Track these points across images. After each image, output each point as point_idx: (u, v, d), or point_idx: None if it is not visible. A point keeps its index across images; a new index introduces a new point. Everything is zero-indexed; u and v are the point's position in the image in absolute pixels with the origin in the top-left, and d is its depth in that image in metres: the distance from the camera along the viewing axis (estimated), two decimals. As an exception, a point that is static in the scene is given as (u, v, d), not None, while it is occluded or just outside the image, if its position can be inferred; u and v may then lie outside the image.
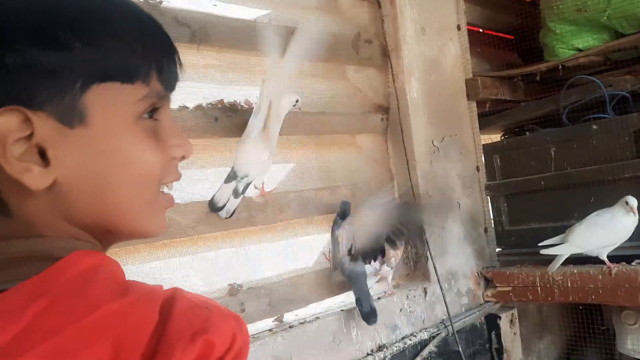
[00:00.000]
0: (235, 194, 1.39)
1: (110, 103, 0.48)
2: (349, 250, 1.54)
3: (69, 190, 0.47)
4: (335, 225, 1.62)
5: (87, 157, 0.48)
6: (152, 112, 0.52)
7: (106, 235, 0.52)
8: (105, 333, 0.41)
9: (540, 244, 1.80)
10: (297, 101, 1.46)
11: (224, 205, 1.39)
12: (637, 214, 1.67)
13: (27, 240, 0.46)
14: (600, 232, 1.72)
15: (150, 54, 0.51)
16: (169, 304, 0.44)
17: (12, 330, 0.39)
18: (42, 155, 0.46)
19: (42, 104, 0.45)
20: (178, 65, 0.54)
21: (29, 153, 0.45)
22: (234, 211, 1.41)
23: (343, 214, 1.63)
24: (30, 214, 0.47)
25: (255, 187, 1.49)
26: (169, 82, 0.53)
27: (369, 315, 1.52)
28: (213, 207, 1.38)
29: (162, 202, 0.57)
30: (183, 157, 0.57)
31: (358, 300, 1.52)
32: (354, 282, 1.55)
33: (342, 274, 1.58)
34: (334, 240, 1.60)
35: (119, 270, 0.49)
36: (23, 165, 0.45)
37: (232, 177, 1.39)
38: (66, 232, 0.49)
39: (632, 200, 1.67)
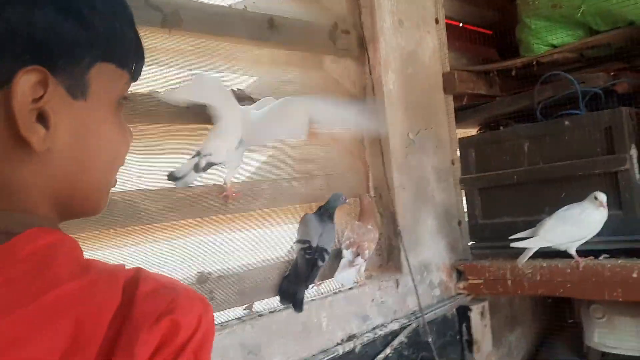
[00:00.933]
0: (196, 168, 1.39)
1: (107, 82, 0.51)
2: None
3: (53, 161, 0.48)
4: (313, 214, 1.65)
5: (80, 130, 0.49)
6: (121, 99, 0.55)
7: (65, 211, 0.52)
8: (64, 313, 0.39)
9: (511, 237, 1.83)
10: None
11: (183, 176, 1.40)
12: (606, 208, 1.70)
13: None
14: (569, 227, 1.75)
15: (137, 43, 0.56)
16: (132, 284, 0.44)
17: None
18: (42, 120, 0.46)
19: (58, 70, 0.46)
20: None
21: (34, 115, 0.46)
22: (190, 183, 1.43)
23: (327, 206, 1.65)
24: (3, 180, 0.46)
25: (224, 183, 1.48)
26: (138, 74, 0.57)
27: (300, 304, 1.55)
28: (171, 176, 1.39)
29: (113, 185, 0.57)
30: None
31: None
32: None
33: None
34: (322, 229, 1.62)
35: (78, 249, 0.48)
36: (34, 125, 0.46)
37: (197, 153, 1.41)
38: (28, 204, 0.47)
39: (601, 196, 1.70)
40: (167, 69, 1.40)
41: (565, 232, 1.75)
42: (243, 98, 1.54)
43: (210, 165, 1.42)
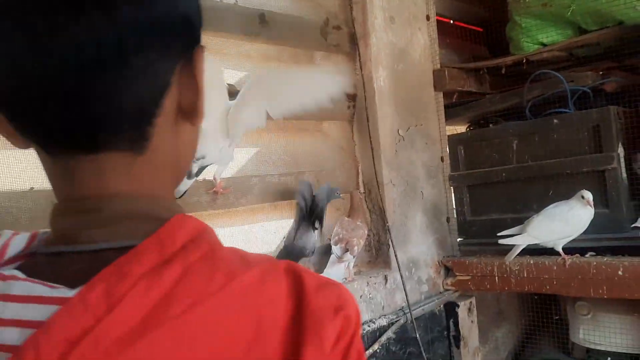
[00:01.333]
0: (189, 175, 1.35)
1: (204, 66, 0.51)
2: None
3: (188, 137, 0.50)
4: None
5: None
6: None
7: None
8: (245, 303, 0.41)
9: (498, 234, 1.84)
10: None
11: None
12: (593, 207, 1.71)
13: (134, 199, 0.45)
14: (556, 224, 1.76)
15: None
16: (295, 279, 0.45)
17: (155, 295, 0.38)
18: None
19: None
20: None
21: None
22: (184, 192, 1.38)
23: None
24: (164, 155, 0.47)
25: (214, 178, 1.46)
26: None
27: None
28: None
29: None
30: None
31: None
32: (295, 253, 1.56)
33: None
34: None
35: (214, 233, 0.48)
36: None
37: None
38: (164, 186, 0.48)
39: (587, 194, 1.72)
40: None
41: (552, 230, 1.77)
42: (233, 93, 1.53)
43: (203, 169, 1.38)
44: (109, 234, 0.43)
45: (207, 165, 1.39)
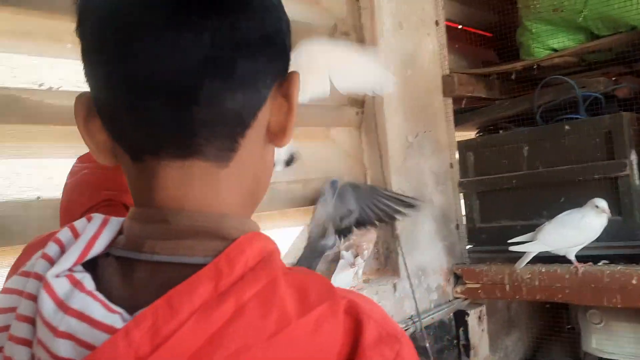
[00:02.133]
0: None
1: None
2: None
3: (270, 157, 0.51)
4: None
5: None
6: None
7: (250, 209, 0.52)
8: (295, 356, 0.38)
9: (509, 241, 1.81)
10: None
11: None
12: (609, 214, 1.69)
13: (202, 214, 0.44)
14: (569, 232, 1.74)
15: None
16: (355, 326, 0.42)
17: (201, 337, 0.36)
18: None
19: None
20: None
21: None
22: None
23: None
24: (246, 171, 0.47)
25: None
26: None
27: None
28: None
29: None
30: None
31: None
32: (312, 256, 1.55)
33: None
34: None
35: (279, 254, 0.47)
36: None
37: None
38: (243, 202, 0.48)
39: (602, 202, 1.69)
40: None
41: (564, 237, 1.74)
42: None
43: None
44: (171, 247, 0.42)
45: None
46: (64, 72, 1.17)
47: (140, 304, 0.38)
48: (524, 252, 1.80)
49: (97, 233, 0.44)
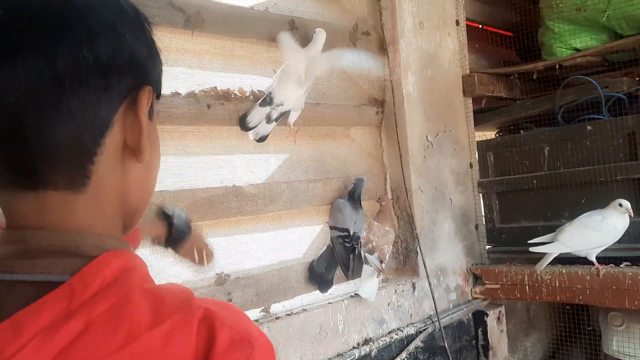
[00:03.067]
0: (268, 119, 1.47)
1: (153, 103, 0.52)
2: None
3: (136, 174, 0.50)
4: (346, 200, 1.71)
5: (153, 146, 0.51)
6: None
7: (126, 228, 0.52)
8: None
9: (530, 242, 1.81)
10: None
11: (255, 126, 1.47)
12: (632, 214, 1.67)
13: (59, 233, 0.44)
14: (590, 233, 1.72)
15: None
16: (208, 334, 0.43)
17: (51, 351, 0.37)
18: None
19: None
20: None
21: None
22: (265, 137, 1.50)
23: (356, 190, 1.70)
24: (107, 193, 0.47)
25: (288, 123, 1.56)
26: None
27: (326, 286, 1.66)
28: (244, 125, 1.46)
29: None
30: None
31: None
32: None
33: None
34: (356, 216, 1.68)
35: (146, 272, 0.48)
36: (147, 138, 0.48)
37: (267, 102, 1.47)
38: (106, 223, 0.48)
39: (625, 202, 1.68)
40: (188, 69, 1.40)
41: (586, 239, 1.73)
42: (260, 98, 1.53)
43: (282, 114, 1.50)
44: (28, 265, 0.42)
45: (286, 111, 1.51)
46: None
47: None
48: (545, 253, 1.79)
49: None
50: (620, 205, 1.67)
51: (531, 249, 1.79)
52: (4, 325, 0.37)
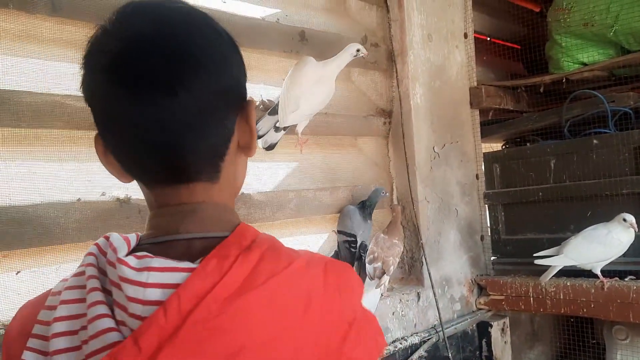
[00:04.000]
0: (277, 127, 1.47)
1: None
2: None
3: (242, 165, 0.67)
4: (357, 208, 1.72)
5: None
6: None
7: (234, 203, 0.70)
8: (301, 280, 0.57)
9: (535, 255, 1.81)
10: (357, 50, 1.57)
11: (264, 135, 1.49)
12: (637, 229, 1.68)
13: (213, 206, 0.62)
14: (595, 246, 1.73)
15: None
16: (326, 264, 0.62)
17: (246, 270, 0.55)
18: None
19: None
20: None
21: None
22: (274, 145, 1.50)
23: (370, 202, 1.71)
24: (229, 180, 0.64)
25: (296, 132, 1.56)
26: None
27: None
28: None
29: None
30: None
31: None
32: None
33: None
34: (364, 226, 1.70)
35: None
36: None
37: (277, 111, 1.47)
38: (229, 201, 0.65)
39: (630, 217, 1.69)
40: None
41: (590, 252, 1.74)
42: (270, 107, 1.56)
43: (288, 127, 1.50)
44: (199, 227, 0.60)
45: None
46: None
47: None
48: (549, 266, 1.80)
49: (125, 238, 0.59)
50: (625, 220, 1.68)
51: (536, 262, 1.79)
52: (217, 251, 0.56)
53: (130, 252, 0.57)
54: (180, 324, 0.52)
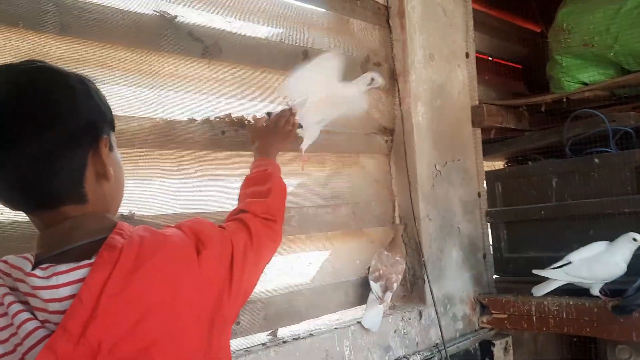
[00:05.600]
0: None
1: (113, 139, 0.85)
2: None
3: (108, 187, 0.80)
4: None
5: (116, 168, 0.82)
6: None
7: (113, 213, 0.85)
8: (181, 246, 0.78)
9: (534, 271, 1.82)
10: (372, 79, 1.54)
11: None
12: None
13: (100, 215, 0.78)
14: (596, 265, 1.73)
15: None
16: (190, 230, 0.83)
17: (134, 252, 0.72)
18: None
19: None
20: None
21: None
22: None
23: None
24: (98, 199, 0.78)
25: (300, 149, 1.54)
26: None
27: None
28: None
29: None
30: None
31: None
32: None
33: None
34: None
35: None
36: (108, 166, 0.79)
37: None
38: (109, 209, 0.82)
39: (638, 236, 1.69)
40: (205, 96, 1.45)
41: (592, 270, 1.74)
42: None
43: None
44: (86, 235, 0.74)
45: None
46: (115, 97, 1.24)
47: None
48: (547, 279, 1.80)
49: (23, 257, 0.72)
50: (635, 239, 1.68)
51: (534, 271, 1.80)
52: (105, 246, 0.71)
53: (34, 267, 0.70)
54: (95, 304, 0.66)
